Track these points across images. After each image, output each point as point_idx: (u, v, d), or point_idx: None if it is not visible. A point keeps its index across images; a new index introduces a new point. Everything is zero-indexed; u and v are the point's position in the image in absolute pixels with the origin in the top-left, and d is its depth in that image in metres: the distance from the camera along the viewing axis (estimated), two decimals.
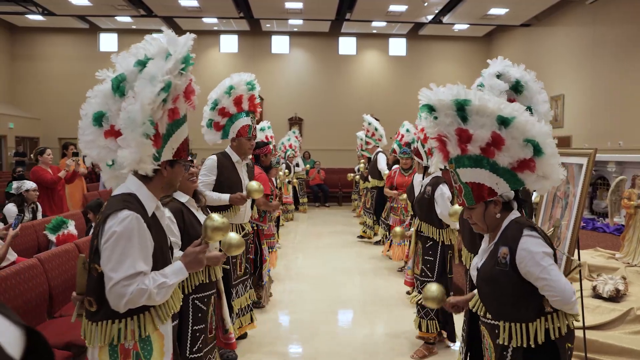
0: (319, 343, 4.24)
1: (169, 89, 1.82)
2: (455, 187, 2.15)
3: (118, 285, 1.74)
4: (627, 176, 6.61)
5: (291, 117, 16.50)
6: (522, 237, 1.96)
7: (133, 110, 1.78)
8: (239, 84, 3.93)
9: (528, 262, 1.92)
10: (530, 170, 1.98)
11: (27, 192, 5.29)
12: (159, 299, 1.83)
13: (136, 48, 1.92)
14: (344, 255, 7.61)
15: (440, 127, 2.05)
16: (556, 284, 1.89)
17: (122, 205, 1.82)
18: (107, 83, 1.94)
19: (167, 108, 1.88)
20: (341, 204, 14.09)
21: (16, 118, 15.31)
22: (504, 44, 15.83)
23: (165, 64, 1.82)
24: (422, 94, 2.07)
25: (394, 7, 13.05)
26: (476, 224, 2.13)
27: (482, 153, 1.99)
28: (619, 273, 4.52)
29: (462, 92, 1.97)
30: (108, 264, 1.77)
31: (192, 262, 1.98)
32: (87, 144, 1.96)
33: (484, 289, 2.10)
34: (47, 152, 6.38)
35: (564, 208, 3.15)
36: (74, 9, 13.47)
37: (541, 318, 1.96)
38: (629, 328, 3.72)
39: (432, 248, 3.92)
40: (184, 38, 1.92)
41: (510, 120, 1.92)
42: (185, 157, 2.08)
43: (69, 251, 4.14)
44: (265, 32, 16.30)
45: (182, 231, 2.68)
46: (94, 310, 1.84)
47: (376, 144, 8.51)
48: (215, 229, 2.04)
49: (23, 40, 16.07)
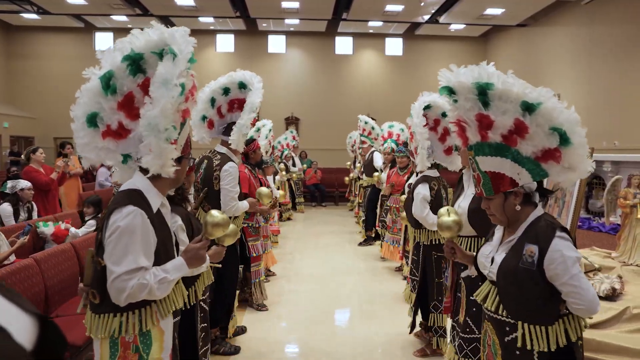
0: (316, 343, 4.24)
1: (184, 91, 1.83)
2: (474, 175, 2.02)
3: (119, 279, 1.76)
4: (623, 176, 6.64)
5: (288, 116, 16.49)
6: (555, 238, 1.82)
7: (153, 116, 1.77)
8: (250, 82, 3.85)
9: (559, 266, 1.79)
10: (555, 161, 1.84)
11: (22, 191, 5.25)
12: (160, 294, 1.84)
13: (121, 42, 1.89)
14: (341, 255, 7.60)
15: (460, 112, 1.92)
16: (585, 294, 1.78)
17: (127, 201, 1.84)
18: (94, 81, 1.90)
19: (181, 109, 1.88)
20: (338, 204, 14.09)
21: (11, 117, 15.23)
22: (500, 44, 15.88)
23: (175, 65, 1.80)
24: (442, 74, 1.92)
25: (391, 6, 13.06)
26: (494, 215, 1.99)
27: (504, 141, 1.85)
28: (615, 272, 4.54)
29: (485, 74, 1.83)
30: (111, 257, 1.79)
31: (193, 257, 1.98)
32: (84, 147, 1.94)
33: (503, 285, 1.95)
34: (39, 151, 6.34)
35: (561, 207, 3.16)
36: (69, 8, 13.42)
37: (559, 320, 1.87)
38: (626, 327, 3.73)
39: (416, 248, 3.93)
40: (181, 34, 1.88)
41: (535, 106, 1.78)
42: (189, 152, 2.10)
43: (65, 251, 4.11)
44: (261, 32, 16.28)
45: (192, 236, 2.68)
46: (97, 302, 1.86)
47: (372, 144, 8.50)
48: (216, 225, 2.06)
49: (18, 39, 15.99)
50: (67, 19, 14.61)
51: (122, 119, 1.92)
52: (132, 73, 1.89)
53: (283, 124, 16.06)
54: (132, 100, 1.91)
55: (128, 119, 1.92)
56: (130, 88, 1.91)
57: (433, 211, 3.64)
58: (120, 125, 1.92)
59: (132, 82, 1.90)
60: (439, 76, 1.92)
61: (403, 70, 16.67)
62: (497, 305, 1.97)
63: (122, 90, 1.91)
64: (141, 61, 1.89)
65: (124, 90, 1.91)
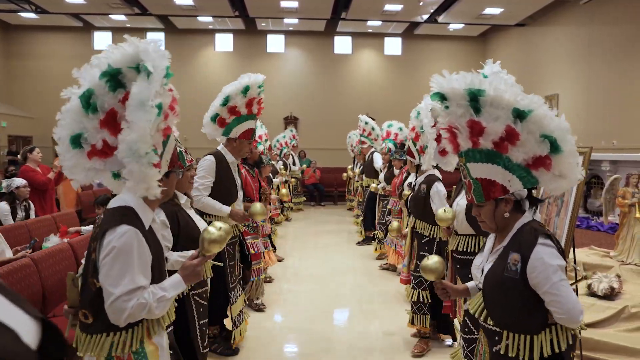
0: (315, 342, 4.24)
1: (161, 110, 1.77)
2: (465, 182, 2.02)
3: (118, 300, 1.74)
4: (621, 175, 6.65)
5: (286, 116, 16.47)
6: (537, 246, 1.81)
7: (132, 141, 1.71)
8: (254, 85, 3.86)
9: (540, 274, 1.78)
10: (545, 168, 1.84)
11: (18, 189, 5.24)
12: (158, 312, 1.83)
13: (97, 59, 1.84)
14: (340, 255, 7.60)
15: (452, 118, 1.91)
16: (564, 302, 1.76)
17: (120, 220, 1.80)
18: (74, 101, 1.85)
19: (161, 128, 1.83)
20: (337, 203, 14.08)
21: (9, 117, 15.20)
22: (499, 44, 15.88)
23: (150, 85, 1.73)
24: (434, 80, 1.91)
25: (390, 6, 13.05)
26: (484, 222, 1.99)
27: (495, 148, 1.85)
28: (613, 271, 4.55)
29: (477, 81, 1.83)
30: (108, 279, 1.76)
31: (190, 275, 1.97)
32: (71, 170, 1.89)
33: (489, 294, 1.96)
34: (36, 150, 6.33)
35: (560, 207, 3.15)
36: (68, 7, 13.39)
37: (546, 330, 1.84)
38: (624, 326, 3.74)
39: (427, 244, 3.93)
40: (153, 48, 1.80)
41: (527, 113, 1.78)
42: (176, 165, 2.09)
43: (62, 250, 4.10)
44: (260, 31, 16.26)
45: (178, 233, 2.68)
46: (89, 322, 1.83)
47: (371, 144, 8.50)
48: (212, 241, 2.02)
49: (16, 39, 15.95)
50: (65, 18, 14.58)
51: (107, 136, 1.86)
52: (112, 89, 1.83)
53: (282, 124, 16.04)
54: (114, 117, 1.85)
55: (112, 137, 1.85)
56: (112, 104, 1.85)
57: None
58: (105, 143, 1.86)
59: (112, 98, 1.84)
60: (431, 82, 1.92)
61: (402, 69, 16.66)
62: (486, 315, 1.96)
63: (103, 107, 1.84)
64: (119, 76, 1.83)
65: (105, 108, 1.85)
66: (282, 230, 9.53)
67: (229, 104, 3.82)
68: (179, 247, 2.57)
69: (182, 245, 2.60)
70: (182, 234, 2.69)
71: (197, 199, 3.68)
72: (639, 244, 4.84)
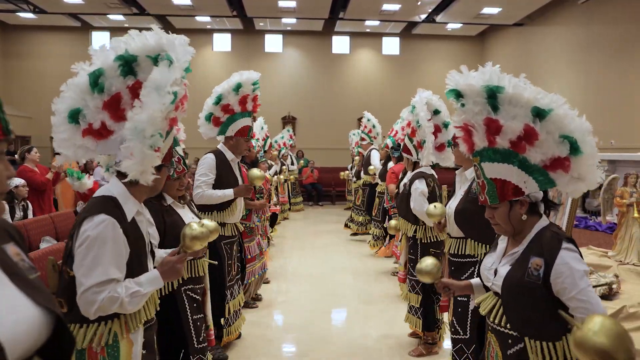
0: (313, 342, 4.23)
1: (176, 99, 1.78)
2: (478, 182, 1.93)
3: (89, 291, 1.70)
4: (619, 174, 6.65)
5: (284, 116, 16.46)
6: (562, 251, 1.73)
7: (140, 121, 1.72)
8: (246, 82, 3.87)
9: (566, 280, 1.70)
10: (564, 170, 1.76)
11: (17, 188, 5.24)
12: (131, 307, 1.78)
13: (117, 41, 1.84)
14: (338, 255, 7.60)
15: (468, 116, 1.84)
16: (594, 309, 1.68)
17: (99, 209, 1.78)
18: (82, 77, 1.85)
19: (170, 117, 1.84)
20: (335, 203, 14.08)
21: (7, 117, 15.15)
22: (497, 44, 15.90)
23: (170, 72, 1.76)
24: (450, 77, 1.85)
25: (388, 6, 13.05)
26: (498, 225, 1.90)
27: (512, 147, 1.78)
28: (611, 271, 4.55)
29: (495, 78, 1.77)
30: (80, 269, 1.72)
31: (169, 271, 1.91)
32: (61, 142, 1.87)
33: (508, 299, 1.87)
34: (33, 150, 6.33)
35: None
36: (66, 7, 13.37)
37: (567, 336, 1.75)
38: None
39: (412, 247, 3.93)
40: (180, 42, 1.84)
41: (546, 112, 1.72)
42: (169, 161, 2.06)
43: (59, 250, 4.09)
44: (258, 31, 16.25)
45: (164, 231, 2.67)
46: (65, 312, 1.78)
47: (371, 141, 8.52)
48: (194, 238, 1.98)
49: (15, 39, 15.92)
50: (63, 18, 14.55)
51: (106, 119, 1.86)
52: (123, 74, 1.84)
53: (280, 123, 16.03)
54: (118, 101, 1.86)
55: (112, 120, 1.86)
56: (119, 89, 1.85)
57: None
58: (103, 125, 1.86)
59: (121, 82, 1.85)
60: (447, 79, 1.85)
61: (400, 69, 16.67)
62: (500, 318, 1.89)
63: (109, 89, 1.85)
64: (134, 63, 1.84)
65: (112, 90, 1.85)
66: (281, 230, 9.52)
67: (222, 103, 3.85)
68: (166, 246, 2.55)
69: (170, 244, 2.57)
70: (169, 232, 2.69)
71: (199, 194, 3.71)
72: (637, 244, 4.84)
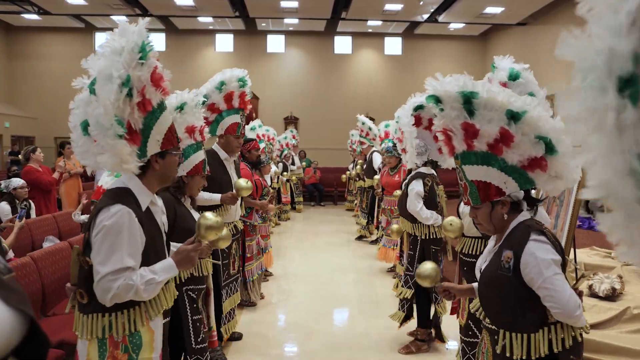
0: (314, 342, 4.23)
1: (129, 83, 1.78)
2: (461, 184, 2.01)
3: (105, 279, 1.75)
4: None
5: (287, 116, 16.48)
6: (529, 242, 1.80)
7: (98, 115, 1.76)
8: (230, 80, 3.86)
9: (533, 269, 1.77)
10: (541, 170, 1.84)
11: (15, 190, 5.28)
12: (146, 295, 1.82)
13: (102, 48, 1.86)
14: (339, 255, 7.59)
15: (446, 120, 1.92)
16: (559, 296, 1.74)
17: (114, 200, 1.83)
18: (85, 92, 1.88)
19: (134, 102, 1.83)
20: (336, 203, 14.07)
21: (12, 117, 15.24)
22: (499, 43, 15.86)
23: (117, 58, 1.77)
24: (429, 83, 1.93)
25: (390, 6, 13.05)
26: (481, 225, 1.99)
27: (490, 150, 1.85)
28: (615, 272, 4.52)
29: (469, 84, 1.84)
30: (97, 257, 1.78)
31: (184, 259, 1.95)
32: (82, 155, 1.93)
33: (484, 293, 1.97)
34: (38, 150, 6.38)
35: (560, 207, 3.14)
36: (69, 8, 13.42)
37: (544, 329, 1.81)
38: (626, 327, 3.71)
39: (412, 243, 3.99)
40: (132, 27, 1.84)
41: (520, 115, 1.79)
42: (175, 145, 2.04)
43: (62, 249, 4.11)
44: (260, 31, 16.26)
45: (173, 223, 2.68)
46: (85, 302, 1.84)
47: (371, 144, 8.49)
48: (209, 227, 2.03)
49: (19, 40, 16.00)
50: (67, 19, 14.61)
51: None
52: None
53: (282, 124, 16.04)
54: None
55: None
56: None
57: (427, 207, 3.82)
58: None
59: None
60: (425, 85, 1.93)
61: (402, 69, 16.66)
62: (483, 313, 1.97)
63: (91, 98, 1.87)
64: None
65: None
66: (282, 230, 9.53)
67: (208, 102, 3.83)
68: (174, 238, 2.56)
69: (178, 236, 2.58)
70: (179, 224, 2.71)
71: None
72: None
